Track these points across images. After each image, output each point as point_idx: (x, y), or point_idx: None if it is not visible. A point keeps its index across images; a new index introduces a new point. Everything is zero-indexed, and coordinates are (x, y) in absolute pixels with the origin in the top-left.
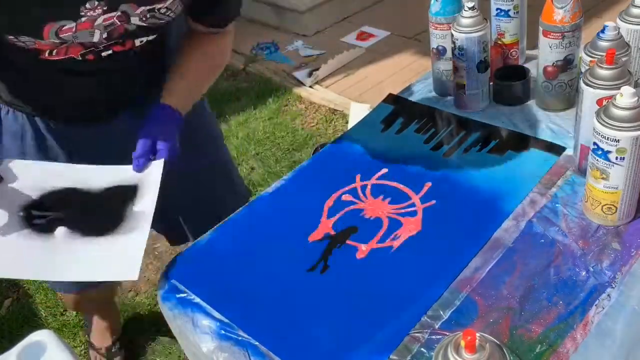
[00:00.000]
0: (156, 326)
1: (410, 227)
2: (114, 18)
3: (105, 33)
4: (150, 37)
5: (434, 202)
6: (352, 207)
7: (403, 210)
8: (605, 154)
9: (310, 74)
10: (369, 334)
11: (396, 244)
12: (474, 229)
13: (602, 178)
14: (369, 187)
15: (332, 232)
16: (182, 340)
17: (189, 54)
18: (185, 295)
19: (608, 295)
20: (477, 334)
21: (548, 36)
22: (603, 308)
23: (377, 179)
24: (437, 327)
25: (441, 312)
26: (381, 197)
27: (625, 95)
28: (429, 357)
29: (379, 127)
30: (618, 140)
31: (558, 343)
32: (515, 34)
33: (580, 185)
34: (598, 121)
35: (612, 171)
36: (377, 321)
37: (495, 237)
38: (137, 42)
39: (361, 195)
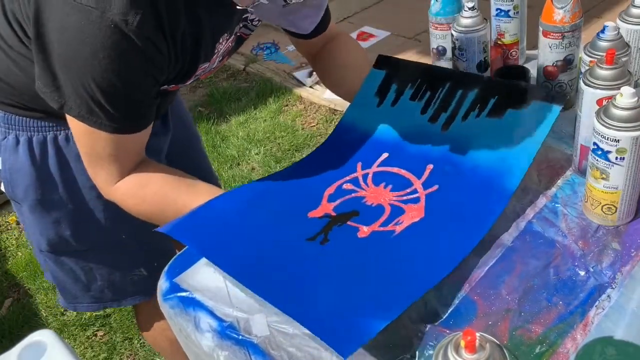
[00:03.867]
0: None
1: (413, 214)
2: (229, 42)
3: (221, 57)
4: (235, 51)
5: (436, 187)
6: (353, 195)
7: (405, 197)
8: (605, 154)
9: (310, 74)
10: (371, 298)
11: (398, 228)
12: (479, 213)
13: (602, 178)
14: (370, 175)
15: (333, 214)
16: (183, 339)
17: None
18: (186, 294)
19: (608, 295)
20: (477, 334)
21: (548, 36)
22: (603, 309)
23: (378, 165)
24: (437, 326)
25: (440, 312)
26: (383, 184)
27: (625, 95)
28: (429, 357)
29: (374, 101)
30: (618, 140)
31: (558, 343)
32: (515, 34)
33: (580, 185)
34: (598, 121)
35: (612, 171)
36: (380, 290)
37: (495, 237)
38: (229, 57)
39: (362, 184)
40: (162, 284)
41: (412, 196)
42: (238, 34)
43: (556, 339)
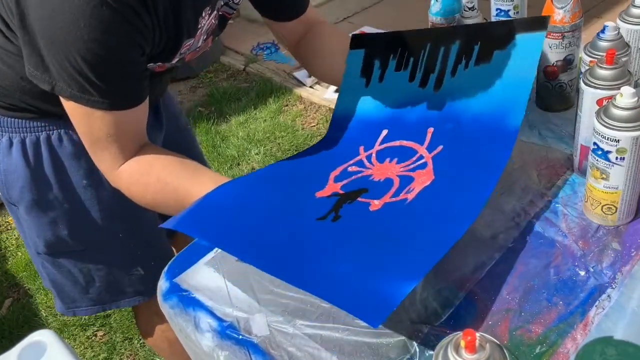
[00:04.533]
0: None
1: (423, 179)
2: (212, 18)
3: (205, 35)
4: (219, 33)
5: (440, 147)
6: (359, 175)
7: (412, 166)
8: (605, 154)
9: (310, 74)
10: (393, 264)
11: (410, 196)
12: (490, 156)
13: (602, 178)
14: (374, 155)
15: (341, 192)
16: (183, 339)
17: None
18: (186, 293)
19: (608, 295)
20: (477, 334)
21: (548, 36)
22: (603, 309)
23: (380, 144)
24: (436, 326)
25: (440, 312)
26: (388, 159)
27: (625, 95)
28: (429, 357)
29: (360, 82)
30: (618, 140)
31: (558, 344)
32: None
33: (580, 185)
34: (598, 121)
35: (612, 171)
36: (401, 255)
37: (495, 237)
38: (215, 38)
39: (367, 164)
40: (162, 284)
41: (418, 162)
42: (220, 13)
43: (556, 339)
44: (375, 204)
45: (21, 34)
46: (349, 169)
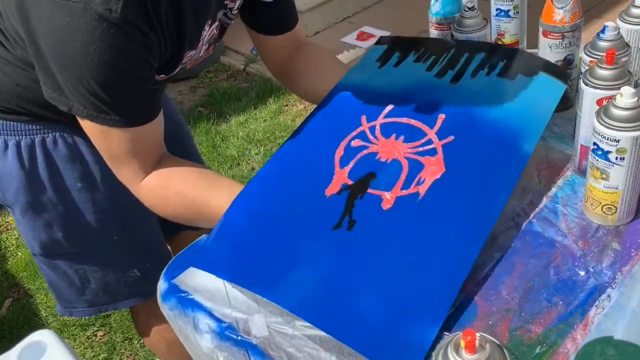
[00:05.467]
0: None
1: (433, 169)
2: (213, 29)
3: (207, 44)
4: (219, 40)
5: (452, 137)
6: (364, 152)
7: (421, 149)
8: (605, 154)
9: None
10: (416, 303)
11: (422, 190)
12: (500, 171)
13: (602, 178)
14: (377, 127)
15: (350, 182)
16: (183, 339)
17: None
18: (185, 295)
19: (608, 295)
20: (477, 334)
21: (548, 36)
22: (603, 308)
23: (384, 117)
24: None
25: None
26: (393, 136)
27: (625, 96)
28: (429, 357)
29: (375, 65)
30: (618, 140)
31: (558, 344)
32: (515, 34)
33: (580, 185)
34: (598, 121)
35: (612, 171)
36: (422, 287)
37: (495, 238)
38: (216, 46)
39: (371, 137)
40: (161, 285)
41: (427, 147)
42: (220, 23)
43: (556, 339)
44: (387, 199)
45: (34, 56)
46: (352, 143)
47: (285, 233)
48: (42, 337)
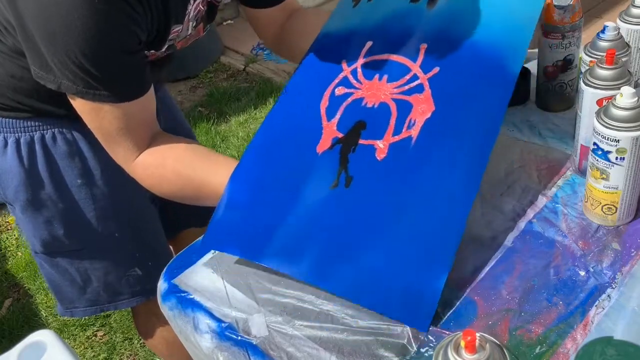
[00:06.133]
0: None
1: (423, 108)
2: (200, 4)
3: (194, 22)
4: (210, 22)
5: (437, 69)
6: (349, 99)
7: (407, 87)
8: (605, 154)
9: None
10: (422, 252)
11: (414, 133)
12: (490, 99)
13: (602, 178)
14: (359, 69)
15: (340, 135)
16: (183, 339)
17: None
18: (185, 294)
19: (608, 295)
20: (477, 334)
21: (548, 36)
22: (603, 308)
23: (364, 56)
24: (437, 326)
25: (440, 313)
26: (377, 76)
27: (625, 96)
28: (429, 357)
29: (350, 5)
30: (618, 140)
31: (558, 344)
32: None
33: (580, 185)
34: (598, 121)
35: (612, 171)
36: (427, 235)
37: (495, 237)
38: (206, 27)
39: (354, 82)
40: (161, 284)
41: (413, 84)
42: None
43: (556, 339)
44: (380, 148)
45: (22, 37)
46: (337, 91)
47: (286, 201)
48: (42, 337)
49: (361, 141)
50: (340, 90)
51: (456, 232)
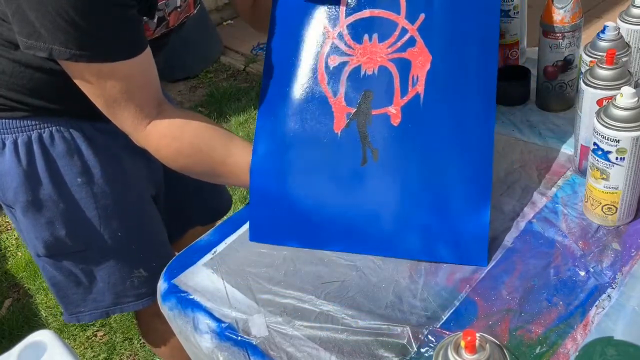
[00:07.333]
0: None
1: (421, 60)
2: None
3: None
4: (199, 4)
5: (422, 16)
6: (347, 69)
7: (399, 44)
8: (605, 154)
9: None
10: (462, 194)
11: (420, 89)
12: (480, 32)
13: (602, 178)
14: (345, 32)
15: (351, 110)
16: (183, 340)
17: None
18: (184, 295)
19: (608, 295)
20: (477, 334)
21: (548, 36)
22: (603, 308)
23: (345, 17)
24: (437, 327)
25: (440, 313)
26: (366, 38)
27: (625, 96)
28: (429, 357)
29: None
30: (618, 140)
31: (558, 344)
32: (515, 34)
33: (580, 185)
34: (598, 121)
35: (612, 171)
36: (461, 176)
37: (495, 237)
38: (197, 4)
39: (344, 47)
40: (161, 284)
41: (404, 38)
42: None
43: (556, 339)
44: (394, 113)
45: (8, 7)
46: (330, 62)
47: (322, 187)
48: (42, 337)
49: (374, 112)
50: (333, 60)
51: (487, 162)
